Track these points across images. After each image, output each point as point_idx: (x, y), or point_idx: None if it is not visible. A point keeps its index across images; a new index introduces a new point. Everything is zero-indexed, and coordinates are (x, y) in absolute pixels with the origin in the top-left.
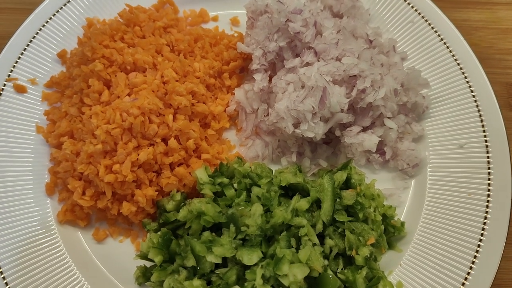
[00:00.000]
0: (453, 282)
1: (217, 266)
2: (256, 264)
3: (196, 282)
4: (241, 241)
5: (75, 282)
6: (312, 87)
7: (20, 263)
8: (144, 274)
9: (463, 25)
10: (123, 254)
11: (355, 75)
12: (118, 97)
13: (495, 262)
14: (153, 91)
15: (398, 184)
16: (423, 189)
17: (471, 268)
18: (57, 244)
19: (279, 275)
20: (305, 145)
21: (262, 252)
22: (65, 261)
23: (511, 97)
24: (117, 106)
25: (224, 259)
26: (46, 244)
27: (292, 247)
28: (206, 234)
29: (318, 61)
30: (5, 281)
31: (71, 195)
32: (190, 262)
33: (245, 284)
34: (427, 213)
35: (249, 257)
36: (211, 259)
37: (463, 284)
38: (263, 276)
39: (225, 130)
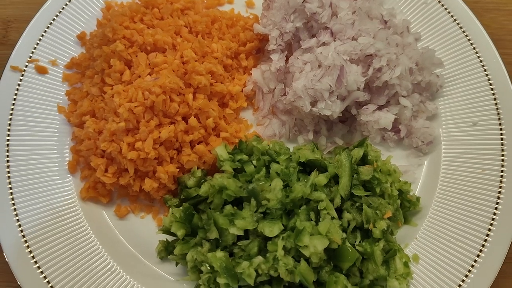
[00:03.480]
0: (468, 254)
1: (239, 238)
2: (277, 236)
3: (219, 253)
4: (262, 215)
5: (98, 256)
6: (329, 66)
7: (45, 238)
8: (166, 248)
9: (474, 7)
10: (145, 229)
11: (371, 54)
12: (139, 76)
13: (509, 234)
14: (173, 71)
15: (412, 161)
16: (437, 165)
17: (485, 240)
18: (80, 220)
19: (300, 246)
20: (321, 123)
21: (283, 225)
22: (88, 235)
23: None
24: (139, 85)
25: (246, 232)
26: (70, 220)
27: (312, 220)
28: (228, 208)
29: (335, 41)
30: (31, 254)
31: (93, 172)
32: (213, 234)
33: (267, 255)
34: (441, 188)
35: (271, 229)
36: (234, 231)
37: (478, 255)
38: (284, 248)
39: (242, 109)
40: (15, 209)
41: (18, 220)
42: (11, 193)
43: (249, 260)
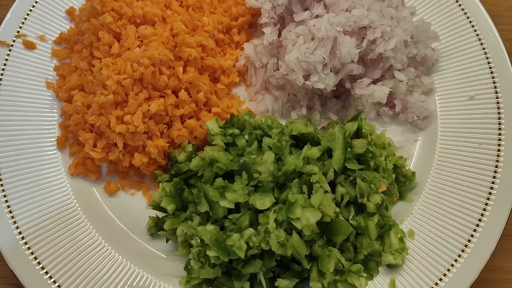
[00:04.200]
0: (465, 229)
1: (229, 212)
2: (268, 209)
3: (210, 227)
4: (253, 188)
5: (87, 232)
6: (323, 38)
7: (32, 214)
8: (156, 224)
9: None
10: (135, 206)
11: (365, 26)
12: (128, 49)
13: (505, 210)
14: (163, 43)
15: (408, 137)
16: (433, 140)
17: (482, 214)
18: (69, 196)
19: (292, 219)
20: (315, 98)
21: (275, 198)
22: (76, 212)
23: None
24: (127, 57)
25: (237, 205)
26: (59, 196)
27: (304, 193)
28: (219, 181)
29: (328, 13)
30: (18, 230)
31: (82, 148)
32: (203, 207)
33: (258, 227)
34: (438, 164)
35: (262, 201)
36: (224, 204)
37: (474, 230)
38: (276, 220)
39: (234, 85)
40: (2, 186)
41: (5, 196)
42: None
43: (240, 233)
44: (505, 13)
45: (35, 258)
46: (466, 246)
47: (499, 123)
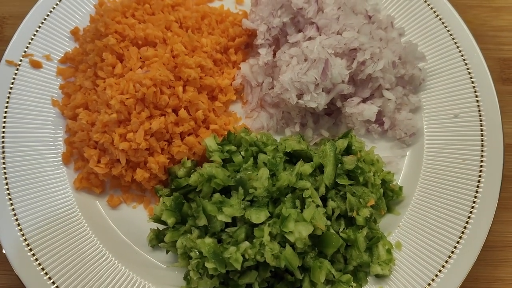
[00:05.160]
0: (449, 241)
1: (227, 225)
2: (263, 223)
3: (208, 240)
4: (249, 203)
5: (91, 244)
6: (315, 59)
7: (40, 227)
8: (157, 237)
9: (458, 4)
10: (137, 219)
11: (355, 48)
12: (131, 69)
13: (487, 224)
14: (164, 64)
15: (396, 153)
16: (420, 156)
17: (465, 227)
18: (74, 209)
19: (285, 232)
20: (307, 116)
21: (269, 212)
22: (81, 224)
23: (503, 71)
24: (130, 77)
25: (234, 219)
26: (64, 209)
27: (297, 208)
28: (217, 196)
29: (320, 35)
30: (26, 242)
31: (86, 163)
32: (202, 221)
33: (254, 241)
34: (424, 178)
35: (257, 216)
36: (222, 218)
37: (457, 242)
38: (270, 234)
39: (231, 103)
40: (10, 199)
41: (13, 210)
42: (7, 183)
43: (236, 246)
44: (489, 32)
45: (42, 268)
46: (449, 257)
47: (482, 140)
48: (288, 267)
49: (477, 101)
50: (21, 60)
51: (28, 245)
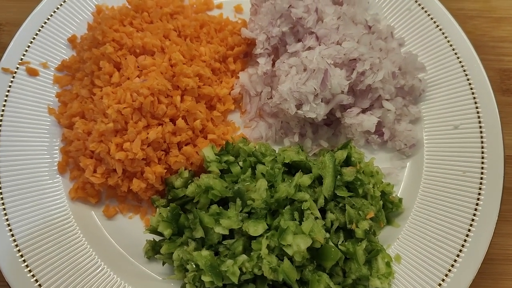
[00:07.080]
0: (449, 255)
1: (224, 237)
2: (261, 235)
3: (205, 252)
4: (247, 214)
5: (87, 255)
6: (314, 69)
7: (34, 237)
8: (154, 248)
9: (458, 14)
10: (133, 229)
11: (355, 59)
12: (128, 78)
13: (487, 237)
14: (161, 73)
15: (395, 164)
16: (419, 167)
17: (465, 240)
18: (69, 219)
19: (284, 245)
20: (306, 126)
21: (267, 224)
22: (77, 235)
23: (503, 82)
24: (127, 86)
25: (231, 231)
26: (59, 219)
27: (295, 220)
28: (214, 207)
29: (320, 45)
30: (20, 253)
31: (82, 173)
32: (199, 233)
33: (251, 254)
34: (424, 190)
35: (255, 228)
36: (219, 230)
37: (458, 255)
38: (268, 247)
39: (230, 112)
40: (4, 208)
41: (7, 220)
42: (1, 192)
43: (233, 259)
44: (490, 43)
45: (36, 280)
46: (449, 270)
47: (482, 152)
48: (286, 281)
49: (477, 112)
50: (17, 68)
51: (22, 256)
